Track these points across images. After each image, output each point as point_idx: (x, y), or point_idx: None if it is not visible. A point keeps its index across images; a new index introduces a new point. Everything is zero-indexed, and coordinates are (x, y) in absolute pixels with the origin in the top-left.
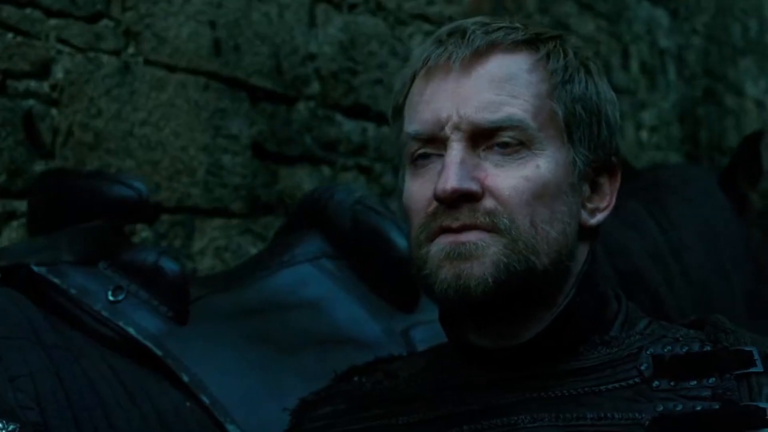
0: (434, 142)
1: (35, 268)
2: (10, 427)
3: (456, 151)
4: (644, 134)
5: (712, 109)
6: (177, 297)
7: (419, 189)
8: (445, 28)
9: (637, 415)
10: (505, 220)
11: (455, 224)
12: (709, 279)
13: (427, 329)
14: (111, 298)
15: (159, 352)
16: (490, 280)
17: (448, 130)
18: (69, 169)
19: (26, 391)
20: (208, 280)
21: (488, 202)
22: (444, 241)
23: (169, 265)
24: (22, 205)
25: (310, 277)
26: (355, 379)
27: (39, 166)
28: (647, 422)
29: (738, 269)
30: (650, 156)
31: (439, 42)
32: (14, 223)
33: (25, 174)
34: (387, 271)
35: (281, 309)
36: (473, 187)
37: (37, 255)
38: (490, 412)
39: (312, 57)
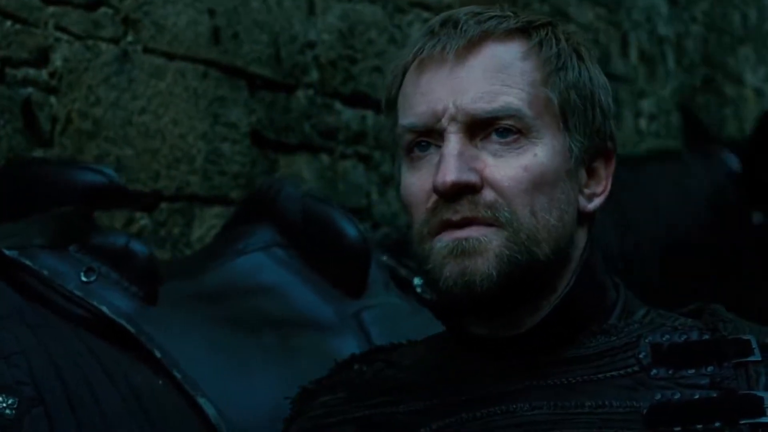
0: (431, 133)
1: (7, 252)
2: (9, 401)
3: (453, 142)
4: (643, 122)
5: (711, 98)
6: (147, 278)
7: (417, 182)
8: (436, 19)
9: (635, 403)
10: (506, 213)
11: (456, 217)
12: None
13: (376, 312)
14: (83, 278)
15: (132, 329)
16: (494, 274)
17: (444, 121)
18: (36, 158)
19: (21, 368)
20: (167, 266)
21: (488, 194)
22: (447, 237)
23: (138, 248)
24: None
25: (264, 265)
26: (356, 367)
27: (37, 154)
28: (645, 410)
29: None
30: (649, 144)
31: (432, 33)
32: None
33: None
34: (337, 259)
35: (240, 293)
36: (472, 178)
37: (8, 240)
38: (489, 401)
39: (311, 45)
